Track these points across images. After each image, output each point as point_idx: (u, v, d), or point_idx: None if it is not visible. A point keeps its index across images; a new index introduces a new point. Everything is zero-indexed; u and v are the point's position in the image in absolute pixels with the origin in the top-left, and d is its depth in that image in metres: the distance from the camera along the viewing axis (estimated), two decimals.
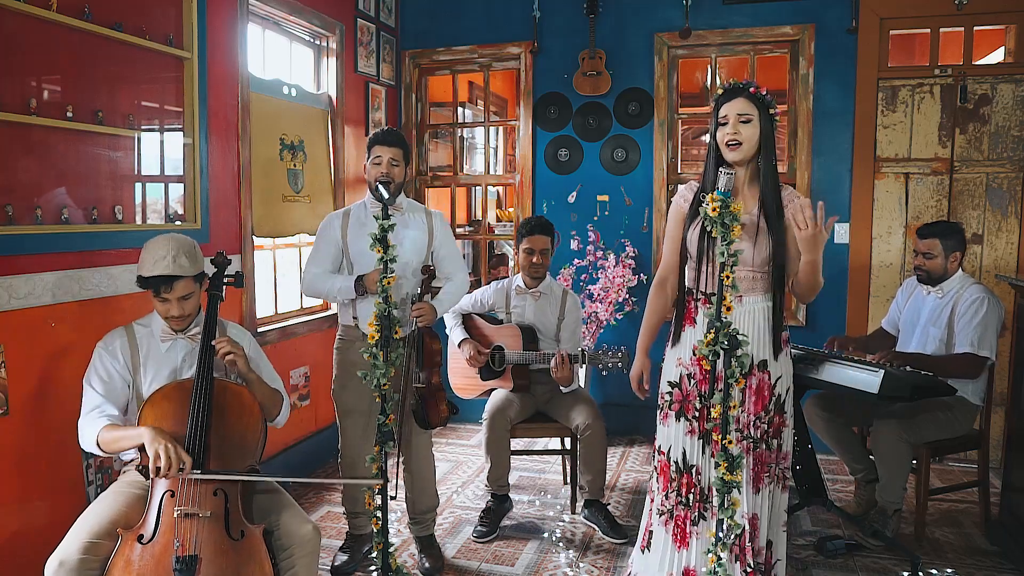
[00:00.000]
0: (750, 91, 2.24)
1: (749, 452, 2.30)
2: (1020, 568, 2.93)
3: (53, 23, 2.48)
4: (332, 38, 4.23)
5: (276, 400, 2.37)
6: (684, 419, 2.35)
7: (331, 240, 2.92)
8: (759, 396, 2.31)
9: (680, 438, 2.36)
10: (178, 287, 2.18)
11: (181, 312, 2.22)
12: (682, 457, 2.35)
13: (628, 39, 4.54)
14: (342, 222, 2.93)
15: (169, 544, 1.94)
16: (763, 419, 2.31)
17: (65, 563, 1.89)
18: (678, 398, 2.36)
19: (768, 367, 2.31)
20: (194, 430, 2.06)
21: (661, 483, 2.42)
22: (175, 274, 2.15)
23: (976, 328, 3.05)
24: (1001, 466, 3.27)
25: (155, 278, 2.16)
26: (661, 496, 2.41)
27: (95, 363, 2.23)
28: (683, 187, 2.45)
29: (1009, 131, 4.06)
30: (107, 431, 2.09)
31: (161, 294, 2.18)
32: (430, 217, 3.01)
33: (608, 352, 3.24)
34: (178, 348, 2.29)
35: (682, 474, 2.35)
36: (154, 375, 2.25)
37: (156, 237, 2.25)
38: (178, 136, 3.14)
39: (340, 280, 2.84)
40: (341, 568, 2.95)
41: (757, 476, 2.32)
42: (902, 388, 2.68)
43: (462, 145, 5.93)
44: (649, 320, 2.50)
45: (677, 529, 2.36)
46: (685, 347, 2.36)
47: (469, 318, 3.56)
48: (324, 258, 2.92)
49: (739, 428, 2.28)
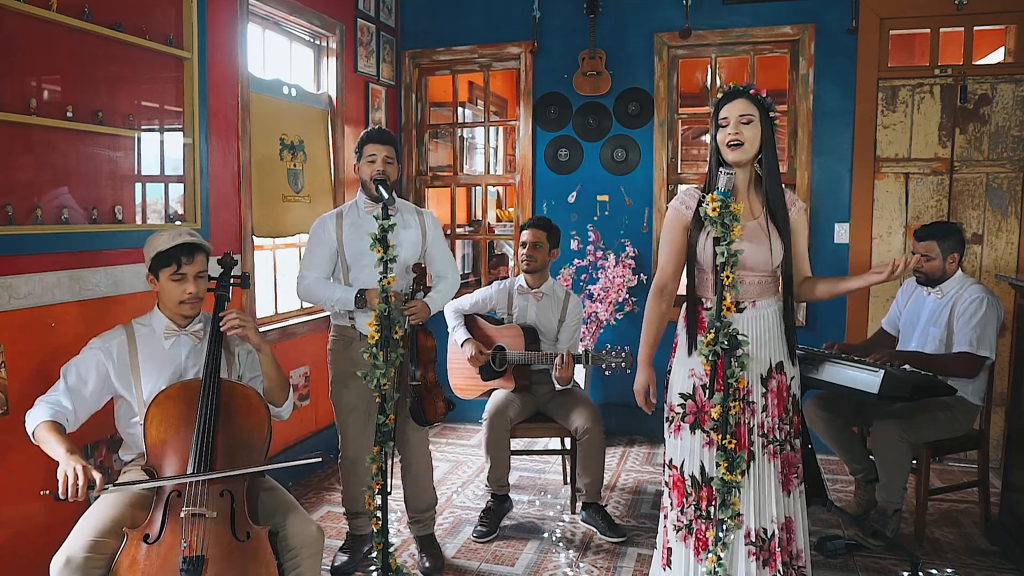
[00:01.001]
0: (750, 92, 2.24)
1: (776, 456, 2.27)
2: (1020, 568, 2.93)
3: (53, 23, 2.48)
4: (332, 38, 4.23)
5: (285, 386, 2.38)
6: (700, 431, 2.29)
7: (326, 243, 2.89)
8: (779, 398, 2.29)
9: (697, 451, 2.30)
10: (197, 260, 2.22)
11: (196, 290, 2.22)
12: (700, 470, 2.29)
13: (628, 39, 4.54)
14: (336, 224, 2.91)
15: (175, 544, 1.94)
16: (785, 420, 2.30)
17: (71, 560, 1.89)
18: (692, 410, 2.31)
19: (784, 368, 2.30)
20: (201, 432, 2.05)
21: (675, 498, 2.35)
22: (196, 243, 2.21)
23: (975, 328, 3.05)
24: (1001, 466, 3.27)
25: (176, 248, 2.19)
26: (676, 511, 2.35)
27: (81, 356, 2.21)
28: (682, 192, 2.39)
29: (1009, 131, 4.06)
30: (44, 429, 2.06)
31: (182, 267, 2.20)
32: (422, 216, 3.01)
33: (612, 352, 3.24)
34: (181, 345, 2.28)
35: (699, 487, 2.28)
36: (157, 375, 2.23)
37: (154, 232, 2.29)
38: (178, 136, 3.14)
39: (339, 291, 2.81)
40: (341, 568, 2.95)
41: (786, 479, 2.29)
42: (902, 388, 2.68)
43: (462, 145, 5.93)
44: (649, 330, 2.41)
45: (698, 542, 2.30)
46: (698, 357, 2.29)
47: (471, 318, 3.56)
48: (319, 261, 2.89)
49: (764, 433, 2.26)
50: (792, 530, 2.30)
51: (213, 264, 2.34)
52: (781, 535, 2.26)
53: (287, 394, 2.39)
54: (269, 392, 2.34)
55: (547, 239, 3.50)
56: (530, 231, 3.51)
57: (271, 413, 2.36)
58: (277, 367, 2.35)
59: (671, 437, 2.37)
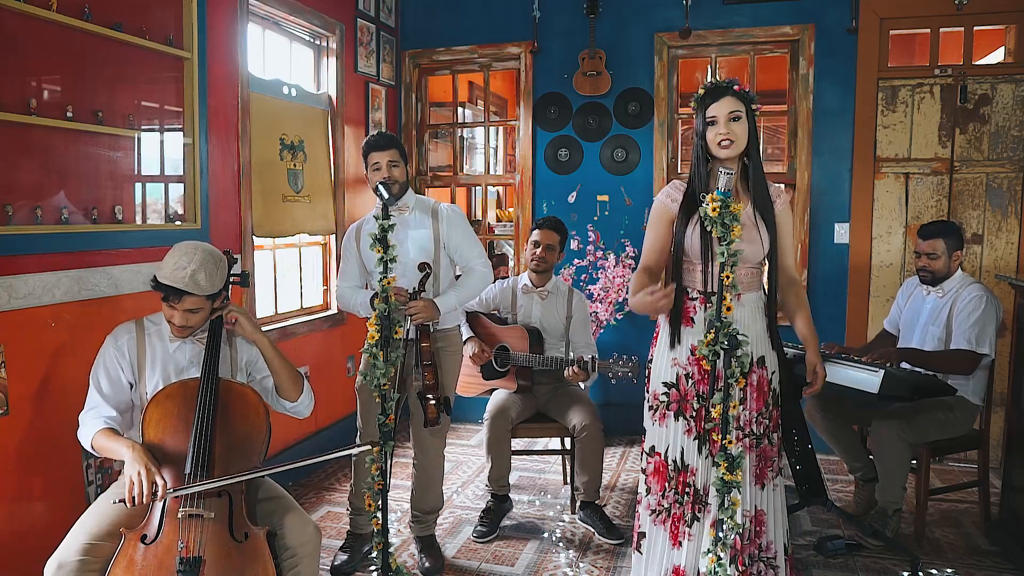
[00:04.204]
0: (734, 89, 2.26)
1: (752, 449, 2.31)
2: (1020, 568, 2.92)
3: (53, 23, 2.48)
4: (332, 38, 4.23)
5: (296, 378, 2.34)
6: (683, 418, 2.34)
7: (351, 252, 3.00)
8: (760, 392, 2.32)
9: (679, 437, 2.35)
10: (187, 301, 2.15)
11: (184, 323, 2.19)
12: (680, 456, 2.34)
13: (628, 39, 4.54)
14: (356, 234, 2.99)
15: (172, 545, 1.94)
16: (764, 415, 2.33)
17: (64, 566, 1.89)
18: (675, 398, 2.35)
19: (766, 362, 2.33)
20: (199, 430, 2.05)
21: (656, 483, 2.40)
22: (187, 290, 2.13)
23: (974, 325, 3.05)
24: (1001, 466, 3.27)
25: (166, 286, 2.13)
26: (657, 496, 2.40)
27: (103, 357, 2.23)
28: (668, 186, 2.42)
29: (1009, 131, 4.06)
30: (101, 436, 2.09)
31: (169, 302, 2.17)
32: (437, 213, 2.96)
33: (619, 361, 3.18)
34: (186, 350, 2.28)
35: (679, 472, 2.34)
36: (160, 374, 2.24)
37: (188, 243, 2.21)
38: (178, 136, 3.13)
39: (361, 295, 2.92)
40: (341, 568, 2.95)
41: (761, 472, 2.33)
42: (902, 388, 2.68)
43: (462, 145, 5.92)
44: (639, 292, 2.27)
45: (674, 525, 2.35)
46: (682, 347, 2.34)
47: (475, 316, 3.55)
48: (349, 272, 3.01)
49: (740, 427, 2.29)
50: (762, 522, 2.33)
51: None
52: (750, 527, 2.30)
53: (300, 387, 2.35)
54: (279, 388, 2.32)
55: (560, 242, 3.50)
56: (545, 232, 3.47)
57: (289, 411, 2.36)
58: (281, 358, 2.32)
59: (655, 425, 2.41)
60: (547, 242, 3.47)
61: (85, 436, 2.14)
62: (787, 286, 2.41)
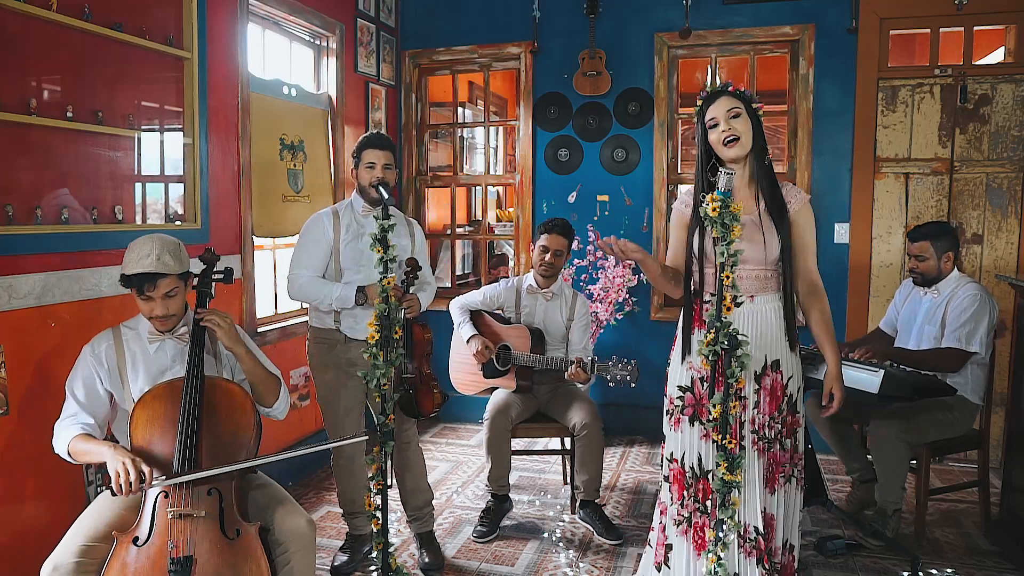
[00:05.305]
0: (729, 90, 2.26)
1: (763, 452, 2.28)
2: (1020, 568, 2.93)
3: (53, 23, 2.48)
4: (332, 38, 4.23)
5: (271, 383, 2.29)
6: (699, 423, 2.30)
7: (321, 241, 2.86)
8: (773, 396, 2.29)
9: (695, 443, 2.31)
10: (162, 284, 2.13)
11: (165, 311, 2.16)
12: (698, 462, 2.31)
13: (628, 39, 4.54)
14: (332, 224, 2.87)
15: (164, 545, 1.93)
16: (777, 419, 2.30)
17: (60, 568, 1.88)
18: (690, 402, 2.32)
19: (781, 367, 2.30)
20: (185, 429, 2.04)
21: (675, 492, 2.35)
22: (158, 271, 2.11)
23: (965, 323, 3.05)
24: (1001, 466, 3.27)
25: (138, 276, 2.11)
26: (676, 505, 2.35)
27: (79, 367, 2.20)
28: (683, 192, 2.45)
29: (1009, 131, 4.06)
30: (77, 441, 2.07)
31: (145, 292, 2.14)
32: (411, 224, 3.06)
33: (618, 364, 3.14)
34: (167, 349, 2.25)
35: (698, 479, 2.30)
36: (144, 377, 2.21)
37: (140, 237, 2.21)
38: (178, 136, 3.14)
39: (338, 288, 2.78)
40: (341, 568, 2.95)
41: (772, 476, 2.30)
42: (902, 388, 2.68)
43: (462, 145, 5.92)
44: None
45: (696, 535, 2.31)
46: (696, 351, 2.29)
47: (478, 315, 3.55)
48: (313, 260, 2.84)
49: (754, 429, 2.27)
50: (772, 526, 2.31)
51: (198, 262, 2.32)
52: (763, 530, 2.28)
53: (276, 394, 2.31)
54: (255, 394, 2.27)
55: (567, 247, 3.49)
56: (553, 237, 3.43)
57: (264, 415, 2.33)
58: (259, 366, 2.27)
59: (671, 431, 2.39)
60: (556, 248, 3.44)
61: (61, 443, 2.11)
62: (806, 290, 2.35)
